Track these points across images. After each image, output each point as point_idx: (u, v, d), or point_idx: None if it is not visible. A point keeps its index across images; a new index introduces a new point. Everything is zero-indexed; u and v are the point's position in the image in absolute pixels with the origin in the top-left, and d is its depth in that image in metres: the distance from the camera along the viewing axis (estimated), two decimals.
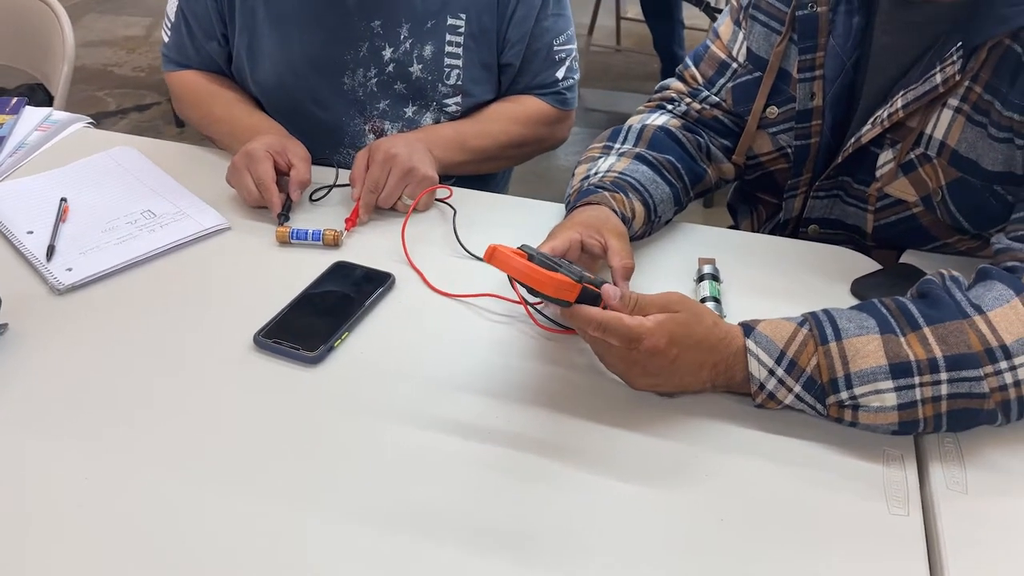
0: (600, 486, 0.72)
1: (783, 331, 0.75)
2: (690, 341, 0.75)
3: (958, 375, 0.71)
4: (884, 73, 0.94)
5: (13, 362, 0.83)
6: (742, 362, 0.75)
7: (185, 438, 0.75)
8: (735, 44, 1.06)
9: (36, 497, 0.69)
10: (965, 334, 0.72)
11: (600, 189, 0.94)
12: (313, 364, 0.83)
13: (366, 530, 0.67)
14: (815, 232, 1.06)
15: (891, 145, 0.93)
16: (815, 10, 0.95)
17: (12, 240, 0.98)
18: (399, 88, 1.17)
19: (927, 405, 0.71)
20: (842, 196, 1.02)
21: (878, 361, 0.72)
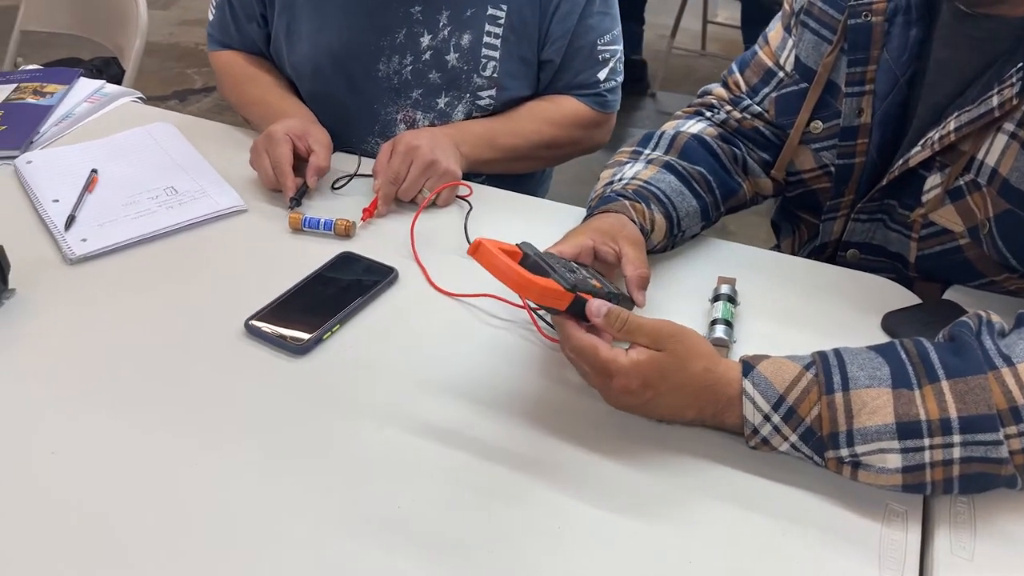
0: (570, 511, 0.68)
1: (785, 373, 0.69)
2: (667, 386, 0.69)
3: (973, 438, 0.63)
4: (940, 91, 0.86)
5: (15, 327, 0.84)
6: (737, 406, 0.69)
7: (164, 414, 0.75)
8: (783, 51, 0.99)
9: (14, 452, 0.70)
10: (987, 391, 0.64)
11: (621, 197, 0.89)
12: (299, 354, 0.81)
13: (322, 527, 0.65)
14: (855, 257, 0.98)
15: (940, 169, 0.86)
16: (869, 19, 0.88)
17: (37, 207, 1.00)
18: (433, 77, 1.15)
19: (936, 469, 0.64)
20: (886, 221, 0.94)
21: (885, 419, 0.65)
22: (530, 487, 0.70)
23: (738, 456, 0.72)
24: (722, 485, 0.70)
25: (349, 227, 0.97)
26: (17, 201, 1.03)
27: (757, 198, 1.04)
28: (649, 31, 3.17)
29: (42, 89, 1.25)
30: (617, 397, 0.71)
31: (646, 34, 3.14)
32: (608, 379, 0.70)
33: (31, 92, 1.24)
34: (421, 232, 0.98)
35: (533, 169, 1.32)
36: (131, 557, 0.63)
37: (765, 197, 1.05)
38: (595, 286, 0.75)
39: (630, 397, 0.70)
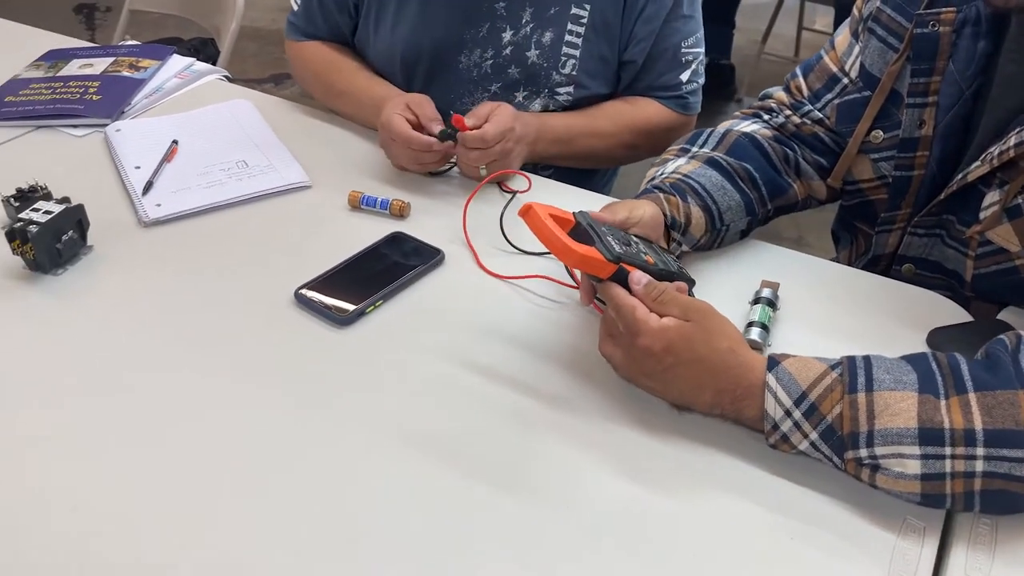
0: (586, 488, 0.69)
1: (811, 371, 0.69)
2: (689, 356, 0.70)
3: (997, 453, 0.62)
4: (1004, 106, 0.83)
5: (90, 280, 0.91)
6: (757, 397, 0.70)
7: (212, 366, 0.80)
8: (849, 58, 0.98)
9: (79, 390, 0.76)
10: (1017, 407, 0.63)
11: (657, 190, 0.90)
12: (343, 325, 0.85)
13: (341, 500, 0.69)
14: (910, 272, 0.96)
15: (1000, 186, 0.83)
16: (936, 29, 0.86)
17: (121, 172, 1.08)
18: (513, 72, 1.17)
19: (957, 480, 0.63)
20: (943, 237, 0.92)
21: (908, 423, 0.64)
22: (549, 465, 0.71)
23: (756, 454, 0.72)
24: (736, 481, 0.70)
25: (404, 208, 1.01)
26: (104, 166, 1.11)
27: (810, 201, 1.02)
28: (741, 35, 3.12)
29: (137, 63, 1.33)
30: (639, 360, 0.72)
31: (737, 38, 3.09)
32: (634, 338, 0.71)
33: (127, 66, 1.32)
34: (472, 216, 1.00)
35: (608, 166, 1.33)
36: (176, 480, 0.68)
37: (820, 201, 1.03)
38: (647, 260, 0.77)
39: (651, 360, 0.71)
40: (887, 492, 0.66)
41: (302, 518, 0.67)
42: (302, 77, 1.30)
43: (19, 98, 1.23)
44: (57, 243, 0.90)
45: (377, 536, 0.66)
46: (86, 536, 0.65)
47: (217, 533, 0.65)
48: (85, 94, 1.23)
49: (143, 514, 0.67)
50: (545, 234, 0.73)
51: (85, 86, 1.25)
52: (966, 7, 0.85)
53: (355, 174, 1.09)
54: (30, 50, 1.37)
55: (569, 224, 0.76)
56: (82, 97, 1.23)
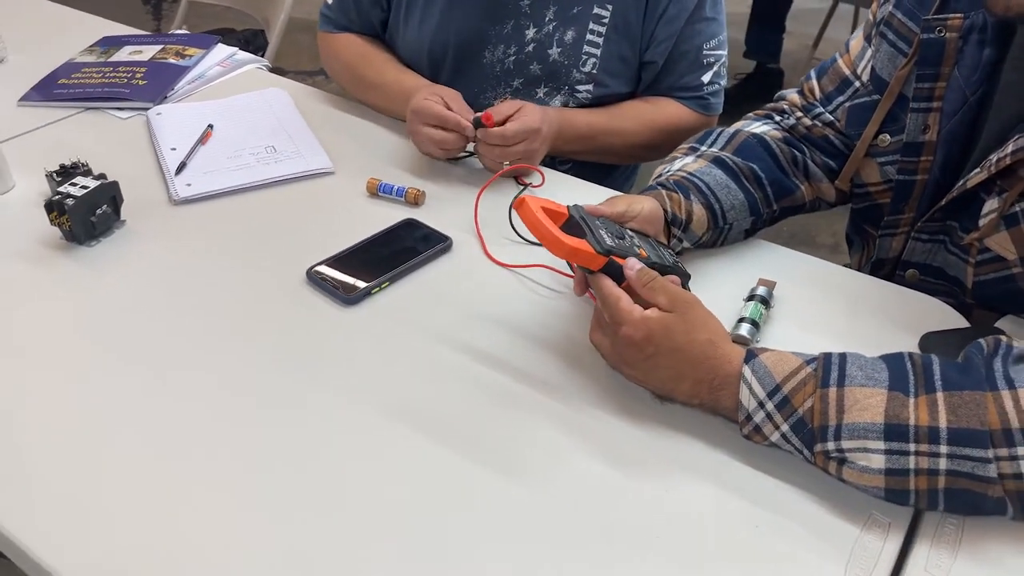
0: (565, 463, 0.72)
1: (786, 365, 0.71)
2: (669, 345, 0.73)
3: (960, 451, 0.63)
4: (1006, 113, 0.83)
5: (121, 252, 0.97)
6: (733, 387, 0.71)
7: (224, 340, 0.85)
8: (862, 61, 0.98)
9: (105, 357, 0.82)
10: (983, 408, 0.63)
11: (660, 187, 0.92)
12: (349, 304, 0.89)
13: (322, 489, 0.73)
14: (914, 278, 0.96)
15: (999, 193, 0.83)
16: (943, 35, 0.86)
17: (157, 153, 1.14)
18: (535, 69, 1.20)
19: (921, 477, 0.64)
20: (946, 243, 0.92)
21: (874, 417, 0.66)
22: (532, 446, 0.74)
23: (731, 445, 0.74)
24: (709, 470, 0.72)
25: (419, 196, 1.04)
26: (145, 147, 1.17)
27: (818, 203, 1.03)
28: (792, 40, 3.09)
29: (183, 51, 1.40)
30: (621, 349, 0.75)
31: (788, 43, 3.06)
32: (618, 327, 0.74)
33: (174, 53, 1.39)
34: (486, 206, 1.03)
35: (627, 163, 1.35)
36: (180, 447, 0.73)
37: (829, 204, 1.04)
38: (639, 254, 0.79)
39: (632, 349, 0.74)
40: (853, 486, 0.68)
41: (292, 488, 0.71)
42: (333, 68, 1.34)
43: (72, 80, 1.31)
44: (92, 216, 0.96)
45: (360, 506, 0.69)
46: (100, 501, 0.70)
47: (210, 500, 0.70)
48: (132, 79, 1.30)
49: (150, 476, 0.72)
50: (536, 226, 0.75)
51: (133, 71, 1.32)
52: (974, 14, 0.85)
53: (377, 162, 1.14)
54: (87, 36, 1.45)
55: (563, 217, 0.79)
56: (129, 82, 1.30)
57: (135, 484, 0.70)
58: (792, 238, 2.40)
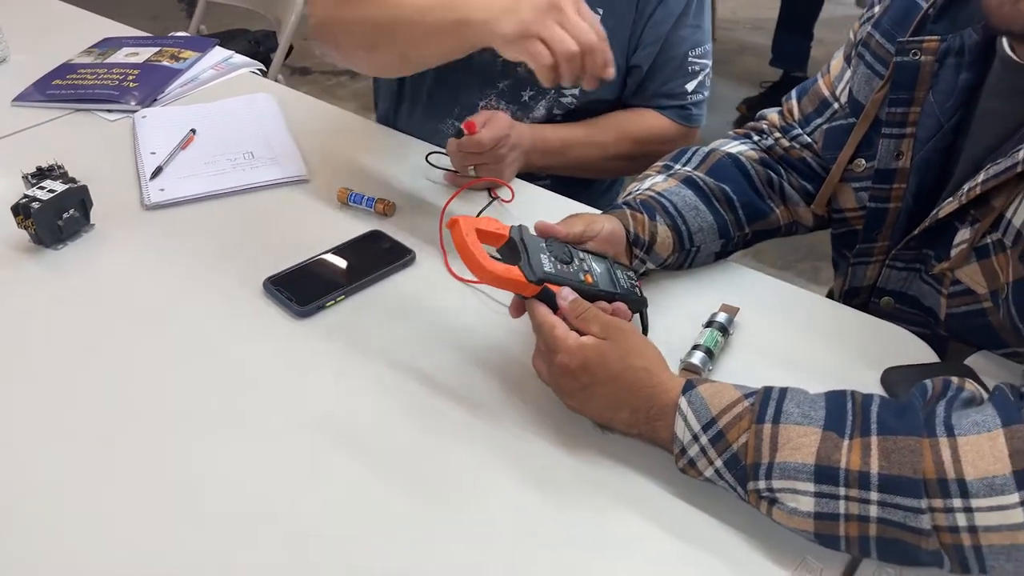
0: (475, 498, 0.70)
1: (724, 397, 0.68)
2: (604, 374, 0.71)
3: (891, 500, 0.60)
4: (982, 142, 0.79)
5: (87, 256, 0.98)
6: (669, 418, 0.69)
7: (177, 348, 0.85)
8: (840, 83, 0.95)
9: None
10: (919, 455, 0.60)
11: (625, 206, 0.90)
12: (301, 317, 0.89)
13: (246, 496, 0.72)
14: (888, 306, 0.92)
15: (972, 223, 0.79)
16: (918, 58, 0.83)
17: (136, 155, 1.14)
18: (522, 70, 1.18)
19: (851, 523, 0.61)
20: (921, 272, 0.88)
21: (806, 458, 0.63)
22: (451, 467, 0.73)
23: (669, 477, 0.71)
24: (641, 503, 0.70)
25: (388, 207, 1.04)
26: (127, 150, 1.18)
27: (795, 227, 1.00)
28: (821, 48, 3.02)
29: (178, 54, 1.40)
30: (556, 378, 0.73)
31: (816, 51, 3.00)
32: (553, 356, 0.72)
33: (168, 56, 1.40)
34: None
35: (607, 177, 1.33)
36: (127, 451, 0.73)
37: (808, 228, 1.01)
38: (583, 280, 0.77)
39: (567, 378, 0.72)
40: (784, 527, 0.65)
41: (202, 497, 0.70)
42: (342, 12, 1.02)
43: (66, 81, 1.32)
44: (58, 220, 0.97)
45: (265, 515, 0.68)
46: (59, 503, 0.70)
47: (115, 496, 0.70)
48: (124, 81, 1.32)
49: (79, 486, 0.72)
50: (463, 250, 0.73)
51: (125, 73, 1.34)
52: (951, 37, 0.81)
53: (354, 171, 1.13)
54: (92, 37, 1.47)
55: (503, 239, 0.77)
56: (120, 84, 1.31)
57: (64, 489, 0.70)
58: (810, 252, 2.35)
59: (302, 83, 3.37)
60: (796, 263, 2.31)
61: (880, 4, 0.91)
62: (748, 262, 2.35)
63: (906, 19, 0.87)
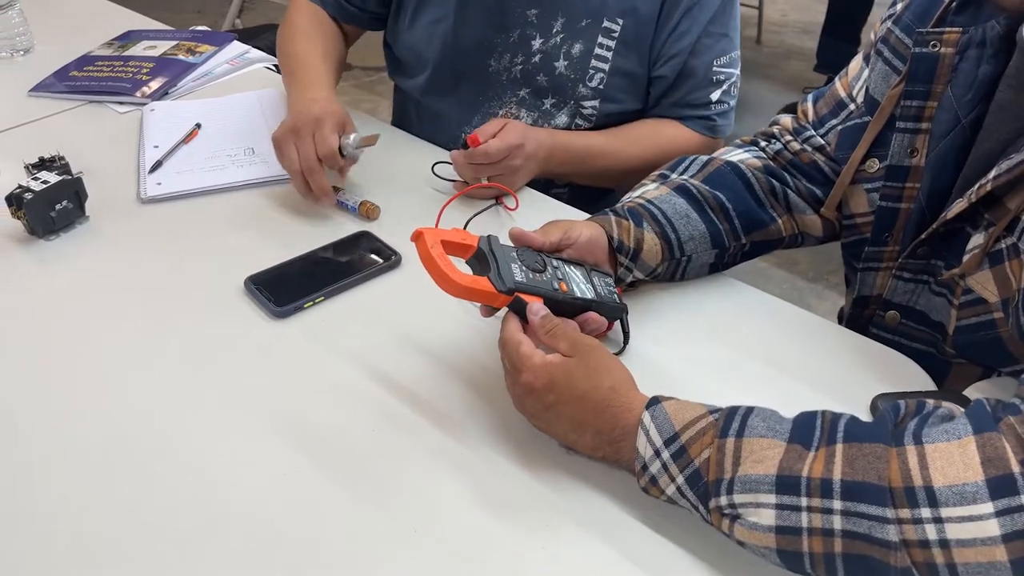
0: (428, 515, 0.68)
1: (688, 413, 0.65)
2: (570, 394, 0.68)
3: (855, 508, 0.56)
4: (996, 137, 0.74)
5: (78, 247, 0.98)
6: (632, 438, 0.66)
7: (157, 344, 0.84)
8: (858, 82, 0.90)
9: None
10: (884, 462, 0.56)
11: (610, 212, 0.86)
12: (279, 318, 0.87)
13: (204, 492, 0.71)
14: (894, 321, 0.87)
15: (986, 227, 0.74)
16: (937, 50, 0.78)
17: (139, 149, 1.15)
18: (541, 80, 1.16)
19: (815, 538, 0.57)
20: (931, 284, 0.83)
21: (768, 470, 0.59)
22: (407, 482, 0.70)
23: (633, 501, 0.68)
24: (601, 524, 0.67)
25: (372, 210, 1.02)
26: (132, 143, 1.18)
27: (801, 237, 0.95)
28: None
29: (195, 48, 1.41)
30: (521, 397, 0.71)
31: None
32: (518, 374, 0.70)
33: (185, 50, 1.40)
34: (452, 223, 0.99)
35: (627, 186, 1.29)
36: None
37: (817, 239, 0.96)
38: (558, 287, 0.74)
39: (532, 397, 0.69)
40: (747, 547, 0.61)
41: (164, 486, 0.69)
42: (281, 28, 1.24)
43: (83, 73, 1.34)
44: (51, 211, 0.97)
45: (213, 516, 0.67)
46: (46, 491, 0.70)
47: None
48: (138, 74, 1.32)
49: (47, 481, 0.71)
50: (428, 262, 0.71)
51: (140, 66, 1.34)
52: (973, 29, 0.76)
53: (354, 171, 1.11)
54: (116, 29, 1.49)
55: (471, 250, 0.74)
56: (133, 77, 1.32)
57: (49, 477, 0.70)
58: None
59: (342, 78, 3.38)
60: (828, 275, 2.24)
61: (902, 1, 0.86)
62: (777, 271, 2.29)
63: (928, 14, 0.82)
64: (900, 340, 0.87)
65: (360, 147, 1.01)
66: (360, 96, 3.24)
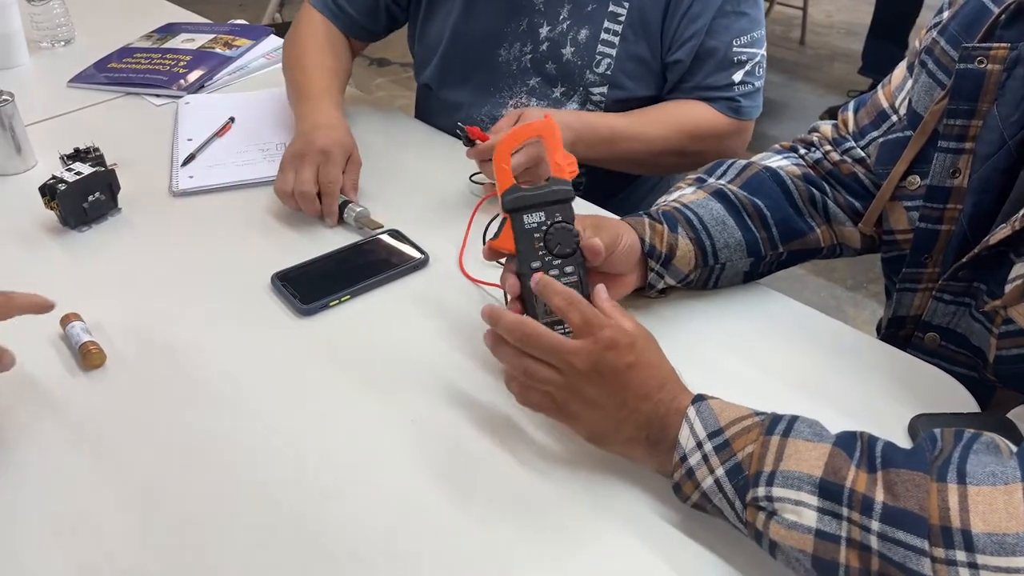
0: (463, 513, 0.67)
1: (733, 412, 0.64)
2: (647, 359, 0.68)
3: (893, 534, 0.54)
4: None
5: (109, 239, 0.99)
6: (673, 428, 0.65)
7: (179, 337, 0.84)
8: (901, 93, 0.87)
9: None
10: (924, 493, 0.54)
11: (645, 215, 0.84)
12: (304, 315, 0.87)
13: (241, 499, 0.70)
14: (933, 343, 0.84)
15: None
16: (984, 67, 0.74)
17: (173, 142, 1.15)
18: (549, 68, 1.15)
19: (853, 550, 0.55)
20: (972, 308, 0.79)
21: (812, 470, 0.58)
22: (445, 483, 0.69)
23: (663, 497, 0.67)
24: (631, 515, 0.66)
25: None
26: (167, 135, 1.19)
27: (840, 248, 0.92)
28: None
29: (232, 42, 1.41)
30: (596, 357, 0.66)
31: None
32: (599, 330, 0.67)
33: (222, 43, 1.41)
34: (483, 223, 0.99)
35: (656, 173, 1.27)
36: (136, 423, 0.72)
37: (855, 251, 0.93)
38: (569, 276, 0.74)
39: (612, 354, 0.66)
40: (776, 552, 0.59)
41: (186, 473, 0.69)
42: (288, 38, 1.23)
43: (121, 65, 1.35)
44: (84, 203, 0.98)
45: (246, 502, 0.66)
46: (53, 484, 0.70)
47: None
48: (175, 67, 1.33)
49: (72, 468, 0.71)
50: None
51: (177, 59, 1.35)
52: (1023, 45, 0.73)
53: (384, 168, 1.11)
54: (156, 21, 1.50)
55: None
56: (170, 69, 1.32)
57: (55, 471, 0.70)
58: None
59: (380, 74, 3.39)
60: (868, 283, 2.18)
61: (949, 10, 0.83)
62: (815, 278, 2.24)
63: (975, 25, 0.79)
64: (940, 363, 0.83)
65: (360, 225, 0.98)
66: (397, 92, 3.24)
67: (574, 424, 0.70)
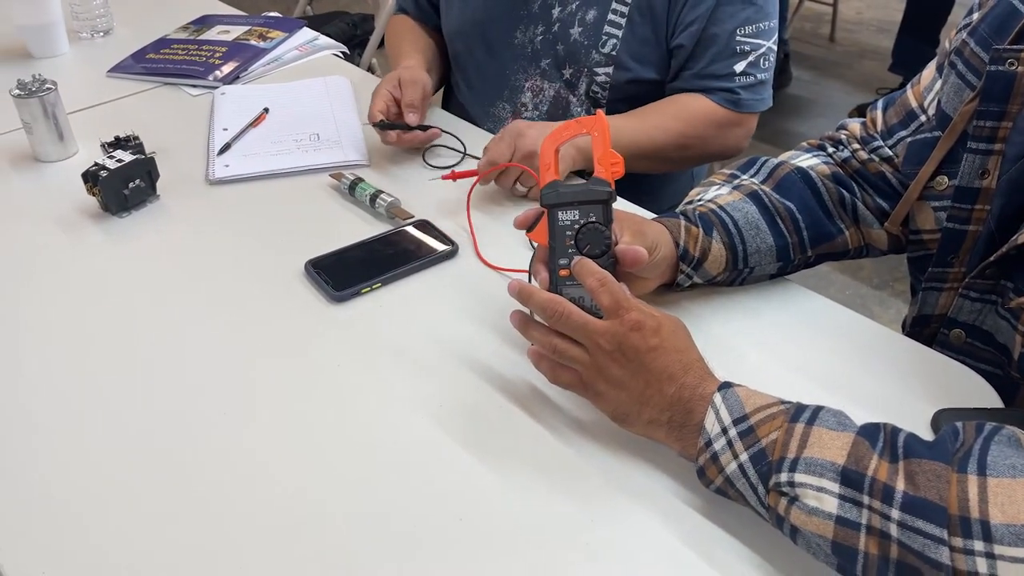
0: (490, 504, 0.68)
1: (759, 400, 0.65)
2: (672, 343, 0.69)
3: (912, 522, 0.55)
4: None
5: (148, 225, 1.01)
6: (698, 413, 0.66)
7: (212, 322, 0.86)
8: (930, 93, 0.87)
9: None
10: (944, 483, 0.55)
11: (682, 216, 0.85)
12: (336, 302, 0.89)
13: (265, 481, 0.73)
14: (959, 340, 0.84)
15: None
16: (1014, 69, 0.75)
17: (209, 131, 1.18)
18: (560, 49, 1.18)
19: (872, 538, 0.56)
20: (998, 305, 0.80)
21: (835, 457, 0.59)
22: (461, 474, 0.71)
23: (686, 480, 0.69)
24: (652, 494, 0.67)
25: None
26: (203, 125, 1.21)
27: (867, 249, 0.93)
28: None
29: (266, 34, 1.44)
30: (622, 338, 0.68)
31: None
32: (626, 312, 0.69)
33: (256, 35, 1.43)
34: (500, 217, 1.00)
35: (660, 170, 1.28)
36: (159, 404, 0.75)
37: (882, 251, 0.93)
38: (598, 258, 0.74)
39: (637, 336, 0.68)
40: (797, 537, 0.60)
41: (217, 462, 0.71)
42: (387, 40, 1.39)
43: (159, 55, 1.38)
44: (124, 189, 1.00)
45: (261, 490, 0.69)
46: (109, 460, 0.73)
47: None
48: (211, 58, 1.36)
49: (115, 464, 0.74)
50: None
51: (213, 50, 1.38)
52: None
53: (413, 160, 1.12)
54: (194, 13, 1.53)
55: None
56: (207, 60, 1.35)
57: (101, 471, 0.73)
58: None
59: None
60: (894, 282, 2.18)
61: (979, 11, 0.83)
62: (840, 276, 2.23)
63: (1006, 27, 0.79)
64: (965, 360, 0.84)
65: (391, 215, 1.01)
66: None
67: (600, 403, 0.72)
